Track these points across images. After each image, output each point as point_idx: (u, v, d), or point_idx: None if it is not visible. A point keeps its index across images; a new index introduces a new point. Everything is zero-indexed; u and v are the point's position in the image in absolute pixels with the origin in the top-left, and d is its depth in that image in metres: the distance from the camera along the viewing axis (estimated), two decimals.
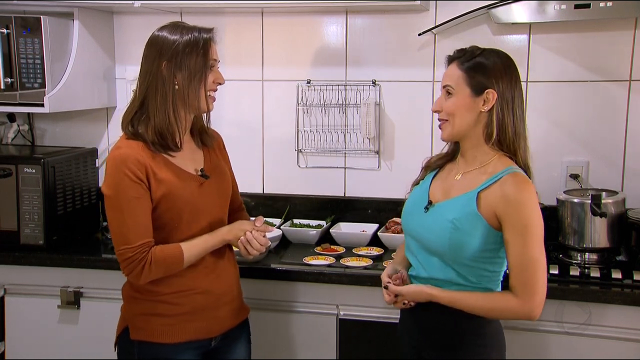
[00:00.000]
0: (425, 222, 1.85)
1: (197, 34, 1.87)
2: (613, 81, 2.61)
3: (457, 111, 1.80)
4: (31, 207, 2.55)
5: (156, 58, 1.86)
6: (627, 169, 2.63)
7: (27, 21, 2.60)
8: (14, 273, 2.56)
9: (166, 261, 1.85)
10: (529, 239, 1.72)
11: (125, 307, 2.00)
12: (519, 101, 1.81)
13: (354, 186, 2.90)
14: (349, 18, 2.83)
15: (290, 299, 2.40)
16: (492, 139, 1.79)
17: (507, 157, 1.82)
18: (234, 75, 2.94)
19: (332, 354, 2.38)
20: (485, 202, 1.76)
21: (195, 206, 1.92)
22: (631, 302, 2.13)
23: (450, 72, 1.83)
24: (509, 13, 2.50)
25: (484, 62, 1.79)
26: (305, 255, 2.52)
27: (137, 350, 1.93)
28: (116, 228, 1.85)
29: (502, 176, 1.76)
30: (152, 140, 1.87)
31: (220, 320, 2.00)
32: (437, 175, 1.95)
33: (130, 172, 1.82)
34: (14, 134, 3.10)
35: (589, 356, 2.18)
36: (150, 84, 1.86)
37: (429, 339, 1.87)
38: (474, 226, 1.76)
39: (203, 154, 2.02)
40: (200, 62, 1.87)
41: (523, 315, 1.74)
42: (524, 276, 1.72)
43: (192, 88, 1.87)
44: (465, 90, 1.79)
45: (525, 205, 1.73)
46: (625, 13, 2.42)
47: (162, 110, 1.86)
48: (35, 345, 2.57)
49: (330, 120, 2.88)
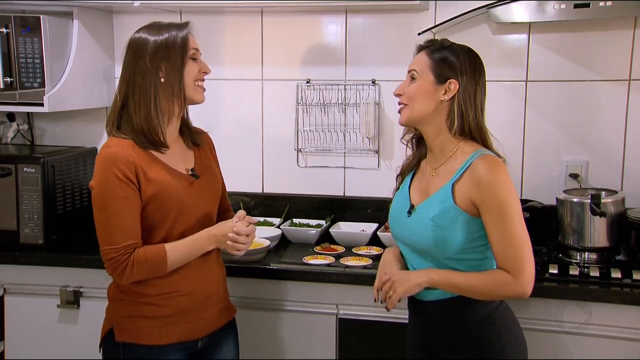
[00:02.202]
0: (410, 225, 1.87)
1: (173, 30, 1.89)
2: (612, 80, 2.61)
3: (417, 96, 1.84)
4: (31, 206, 2.55)
5: (136, 57, 1.87)
6: (626, 168, 2.63)
7: (27, 20, 2.60)
8: (13, 273, 2.56)
9: (149, 263, 1.84)
10: (507, 218, 1.73)
11: (110, 308, 1.99)
12: (481, 95, 1.85)
13: (354, 185, 2.90)
14: (349, 17, 2.83)
15: (289, 299, 2.40)
16: (454, 127, 1.82)
17: (473, 142, 1.84)
18: (234, 75, 2.94)
19: (332, 353, 2.38)
20: (460, 193, 1.78)
21: (185, 205, 1.91)
22: (631, 302, 2.13)
23: (418, 59, 1.87)
24: (509, 12, 2.50)
25: (452, 54, 1.83)
26: (305, 254, 2.52)
27: (122, 352, 1.92)
28: (102, 227, 1.85)
29: (472, 161, 1.78)
30: (137, 138, 1.87)
31: (206, 321, 1.99)
32: (414, 177, 1.97)
33: (119, 172, 1.81)
34: (13, 133, 3.09)
35: (588, 356, 2.18)
36: (129, 83, 1.87)
37: (441, 340, 1.87)
38: (454, 220, 1.77)
39: (193, 154, 2.02)
40: (180, 52, 1.88)
41: (516, 291, 1.74)
42: (510, 255, 1.73)
43: (177, 78, 1.87)
44: (429, 76, 1.83)
45: (498, 185, 1.74)
46: (625, 12, 2.43)
47: (143, 105, 1.86)
48: (34, 344, 2.57)
49: (330, 119, 2.88)
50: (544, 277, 2.25)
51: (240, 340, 2.16)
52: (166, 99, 1.89)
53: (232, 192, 2.92)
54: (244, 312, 2.39)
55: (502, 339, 1.83)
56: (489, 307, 1.82)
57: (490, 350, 1.82)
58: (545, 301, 2.19)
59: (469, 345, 1.83)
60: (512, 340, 1.85)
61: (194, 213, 1.94)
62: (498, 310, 1.84)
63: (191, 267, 1.93)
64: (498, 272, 1.76)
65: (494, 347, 1.82)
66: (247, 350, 2.38)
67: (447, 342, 1.86)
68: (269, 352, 2.42)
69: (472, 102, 1.82)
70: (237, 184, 2.94)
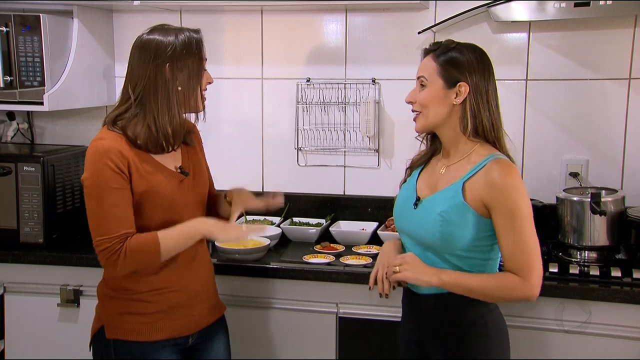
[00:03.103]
0: (415, 218, 1.87)
1: (188, 34, 1.89)
2: (612, 79, 2.61)
3: (430, 103, 1.83)
4: (31, 205, 2.55)
5: (153, 60, 1.85)
6: (626, 167, 2.63)
7: (27, 19, 2.60)
8: (13, 271, 2.56)
9: (141, 250, 1.83)
10: (518, 223, 1.73)
11: (100, 306, 1.99)
12: (493, 94, 1.84)
13: (354, 184, 2.90)
14: (349, 16, 2.83)
15: (289, 298, 2.40)
16: (468, 130, 1.82)
17: (489, 145, 1.84)
18: (234, 74, 2.94)
19: (332, 352, 2.38)
20: (471, 191, 1.78)
21: (174, 203, 1.92)
22: (631, 300, 2.13)
23: (425, 64, 1.86)
24: (509, 11, 2.50)
25: (458, 55, 1.82)
26: (305, 253, 2.52)
27: (113, 350, 1.92)
28: (95, 219, 1.84)
29: (486, 163, 1.78)
30: (140, 142, 1.86)
31: (196, 317, 1.99)
32: (422, 171, 1.97)
33: (112, 163, 1.81)
34: (13, 132, 3.10)
35: (589, 355, 2.18)
36: (148, 86, 1.86)
37: (432, 334, 1.87)
38: (463, 217, 1.77)
39: (181, 151, 2.02)
40: (197, 62, 1.89)
41: (524, 294, 1.74)
42: (519, 260, 1.73)
43: (192, 88, 1.89)
44: (438, 82, 1.82)
45: (511, 189, 1.74)
46: (625, 11, 2.43)
47: (166, 112, 1.86)
48: (35, 343, 2.57)
49: (330, 118, 2.88)
50: (544, 276, 2.24)
51: (240, 339, 2.16)
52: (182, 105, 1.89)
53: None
54: (244, 311, 2.39)
55: (490, 342, 1.83)
56: (483, 309, 1.82)
57: (477, 351, 1.82)
58: (545, 300, 2.18)
59: (458, 342, 1.83)
60: (498, 345, 1.85)
61: (184, 210, 1.94)
62: (492, 313, 1.84)
63: (180, 263, 1.94)
64: (508, 275, 1.76)
65: (481, 349, 1.82)
66: (247, 350, 2.38)
67: (437, 337, 1.86)
68: (269, 351, 2.42)
69: (485, 102, 1.81)
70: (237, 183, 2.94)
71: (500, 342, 1.86)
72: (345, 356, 2.37)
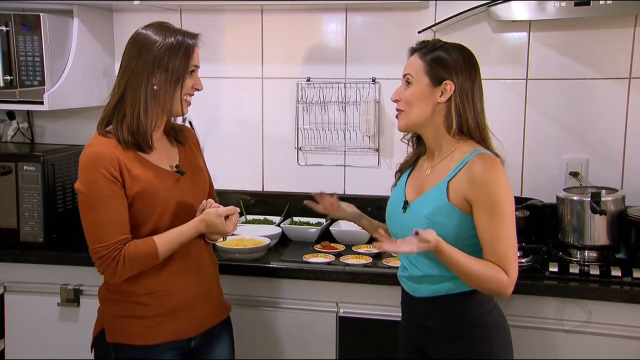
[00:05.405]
0: (404, 221, 1.87)
1: (181, 37, 1.88)
2: (613, 79, 2.61)
3: (414, 101, 1.83)
4: (31, 204, 2.55)
5: (137, 55, 1.86)
6: (626, 166, 2.63)
7: (27, 19, 2.60)
8: (13, 271, 2.56)
9: (140, 256, 1.83)
10: (497, 217, 1.72)
11: (101, 309, 1.98)
12: (478, 94, 1.84)
13: (354, 184, 2.90)
14: (349, 16, 2.83)
15: (290, 297, 2.40)
16: (452, 129, 1.82)
17: (472, 141, 1.83)
18: (234, 73, 2.94)
19: (332, 352, 2.38)
20: (454, 190, 1.78)
21: (171, 202, 1.91)
22: (631, 300, 2.13)
23: (411, 62, 1.87)
24: (509, 10, 2.50)
25: (445, 54, 1.82)
26: (305, 253, 2.52)
27: (113, 353, 1.91)
28: (90, 226, 1.84)
29: (469, 159, 1.78)
30: (125, 139, 1.86)
31: (198, 319, 1.98)
32: (410, 174, 1.97)
33: (105, 170, 1.81)
34: (13, 131, 3.10)
35: (588, 354, 2.18)
36: (129, 79, 1.86)
37: (432, 336, 1.87)
38: (448, 217, 1.77)
39: (178, 150, 2.02)
40: (180, 66, 1.87)
41: (502, 288, 1.72)
42: (496, 254, 1.72)
43: (168, 90, 1.87)
44: (424, 79, 1.82)
45: (492, 182, 1.73)
46: (625, 10, 2.43)
47: (136, 108, 1.85)
48: (35, 343, 2.57)
49: (330, 118, 2.88)
50: (544, 275, 2.25)
51: (240, 339, 2.15)
52: (155, 105, 1.88)
53: (232, 190, 2.94)
54: (244, 311, 2.39)
55: (491, 342, 1.82)
56: (483, 309, 1.82)
57: (477, 351, 1.81)
58: (545, 299, 2.19)
59: (458, 343, 1.83)
60: (500, 345, 1.84)
61: (181, 209, 1.93)
62: (492, 313, 1.84)
63: (181, 265, 1.93)
64: (495, 265, 1.73)
65: (482, 349, 1.81)
66: (247, 349, 2.38)
67: (437, 339, 1.86)
68: (269, 351, 2.42)
69: (470, 102, 1.82)
70: (237, 183, 2.95)
71: (501, 342, 1.85)
72: (345, 356, 2.37)
